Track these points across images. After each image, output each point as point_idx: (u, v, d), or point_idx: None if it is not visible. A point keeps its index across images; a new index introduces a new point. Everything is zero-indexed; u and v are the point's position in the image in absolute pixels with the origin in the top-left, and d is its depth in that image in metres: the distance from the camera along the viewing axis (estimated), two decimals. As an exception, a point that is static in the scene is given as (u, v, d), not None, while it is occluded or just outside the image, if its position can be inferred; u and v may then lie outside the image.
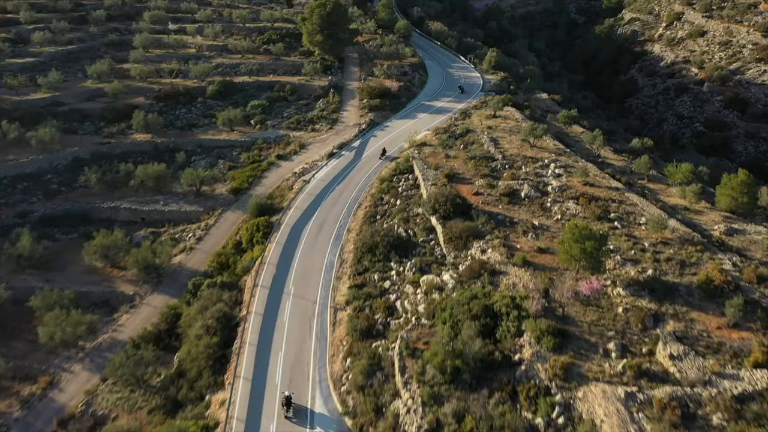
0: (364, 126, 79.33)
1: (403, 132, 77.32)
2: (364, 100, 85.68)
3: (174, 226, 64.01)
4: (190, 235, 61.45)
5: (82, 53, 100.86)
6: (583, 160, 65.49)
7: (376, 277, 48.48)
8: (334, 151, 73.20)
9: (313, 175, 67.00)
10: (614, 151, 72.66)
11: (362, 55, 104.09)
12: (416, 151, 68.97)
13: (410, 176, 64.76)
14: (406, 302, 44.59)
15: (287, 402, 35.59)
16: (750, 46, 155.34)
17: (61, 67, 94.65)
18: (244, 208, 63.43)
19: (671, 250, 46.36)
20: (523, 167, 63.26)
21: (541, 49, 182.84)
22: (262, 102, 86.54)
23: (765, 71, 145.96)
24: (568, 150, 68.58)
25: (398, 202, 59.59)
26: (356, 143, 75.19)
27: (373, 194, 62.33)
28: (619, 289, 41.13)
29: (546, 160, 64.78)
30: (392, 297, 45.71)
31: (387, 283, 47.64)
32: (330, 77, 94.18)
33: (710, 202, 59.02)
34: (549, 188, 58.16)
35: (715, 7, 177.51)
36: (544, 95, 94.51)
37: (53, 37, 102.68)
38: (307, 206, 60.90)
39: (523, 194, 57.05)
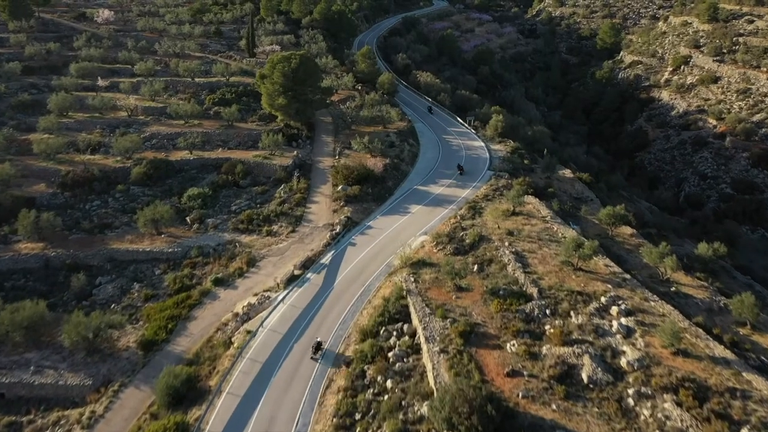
0: (338, 228, 58.27)
1: (392, 238, 56.65)
2: (339, 187, 64.84)
3: (45, 412, 41.64)
4: (62, 437, 39.15)
5: (-22, 120, 79.14)
6: (655, 297, 45.00)
7: None
8: (296, 272, 51.81)
9: (263, 321, 45.38)
10: (684, 269, 52.25)
11: (337, 119, 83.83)
12: (412, 278, 48.01)
13: (405, 327, 43.56)
14: None
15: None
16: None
17: (-55, 141, 72.75)
18: (154, 381, 41.42)
19: None
20: (572, 314, 42.54)
21: (538, 96, 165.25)
22: (203, 190, 65.19)
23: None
24: (627, 277, 48.03)
25: (389, 384, 38.18)
26: (327, 258, 53.98)
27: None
28: None
29: (602, 299, 44.18)
30: None
31: None
32: (295, 151, 73.38)
33: None
34: (623, 362, 37.44)
35: (725, 51, 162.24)
36: (568, 172, 74.71)
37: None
38: (247, 388, 39.12)
39: (584, 376, 36.21)
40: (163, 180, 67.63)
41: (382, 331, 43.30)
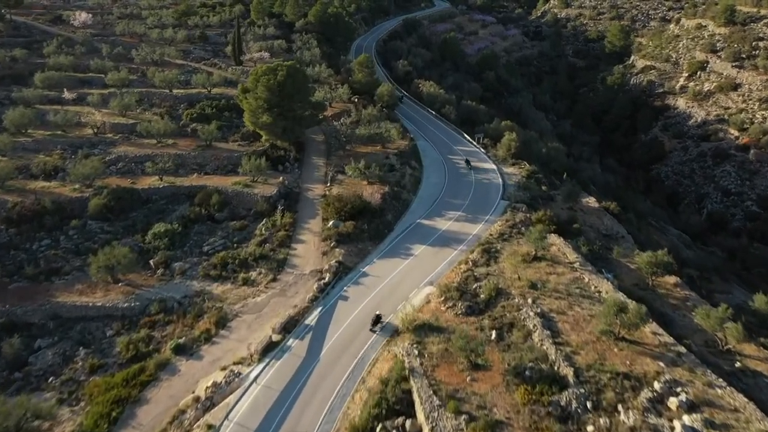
0: (327, 276, 49.06)
1: (392, 288, 47.53)
2: (330, 223, 55.62)
3: None
4: None
5: (-77, 139, 69.67)
6: (722, 382, 35.81)
7: None
8: (274, 337, 42.61)
9: (229, 412, 36.06)
10: (749, 337, 42.93)
11: (330, 138, 74.57)
12: (416, 350, 38.88)
13: (408, 424, 34.37)
14: None
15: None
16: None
17: None
18: (86, 496, 32.20)
19: None
20: (620, 408, 33.39)
21: (546, 103, 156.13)
22: (171, 227, 55.93)
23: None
24: (682, 350, 38.81)
25: None
26: (313, 317, 44.72)
27: (336, 478, 31.69)
28: None
29: (656, 385, 35.03)
30: None
31: None
32: (281, 177, 64.15)
33: None
34: (696, 492, 28.24)
35: (745, 56, 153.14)
36: (592, 201, 65.51)
37: None
38: None
39: None
40: (127, 213, 58.35)
41: (378, 429, 34.06)
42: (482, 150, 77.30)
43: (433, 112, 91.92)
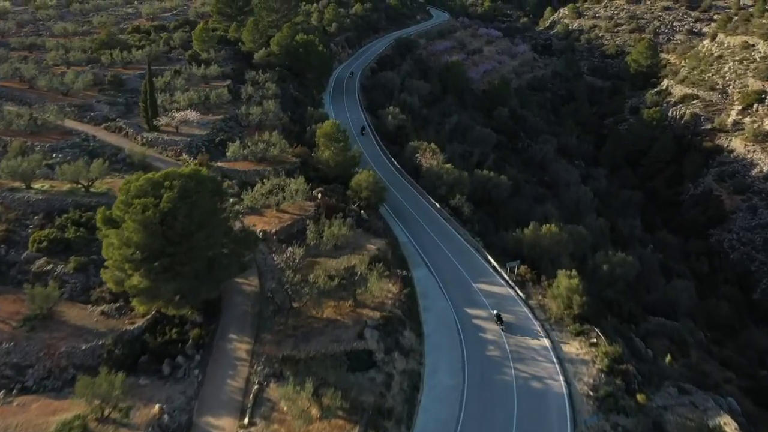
0: None
1: None
2: None
3: None
4: None
5: None
6: None
7: None
8: None
9: None
10: None
11: (266, 290, 43.93)
12: None
13: None
14: None
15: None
16: None
17: None
18: None
19: None
20: None
21: (571, 145, 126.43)
22: None
23: None
24: None
25: None
26: None
27: None
28: None
29: None
30: None
31: None
32: (156, 407, 33.79)
33: None
34: None
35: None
36: (727, 424, 35.47)
37: None
38: None
39: None
40: None
41: None
42: (519, 294, 47.19)
43: (438, 205, 61.79)
